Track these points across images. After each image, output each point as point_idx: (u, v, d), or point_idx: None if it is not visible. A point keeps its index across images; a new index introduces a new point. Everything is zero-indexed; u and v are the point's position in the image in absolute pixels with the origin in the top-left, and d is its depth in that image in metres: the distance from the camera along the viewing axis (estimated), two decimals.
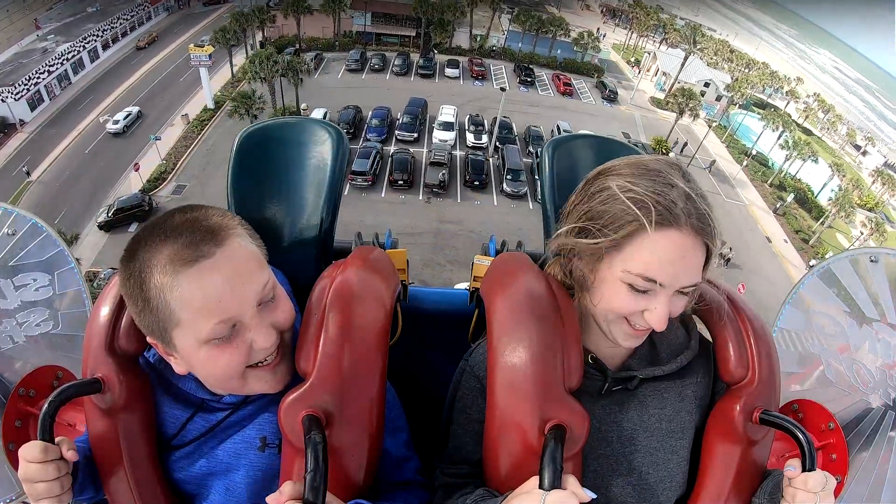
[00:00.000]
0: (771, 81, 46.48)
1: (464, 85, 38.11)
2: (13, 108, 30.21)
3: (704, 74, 42.65)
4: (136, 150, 27.88)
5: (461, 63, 40.17)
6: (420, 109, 31.67)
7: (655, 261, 0.88)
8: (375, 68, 38.34)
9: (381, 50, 41.20)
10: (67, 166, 27.20)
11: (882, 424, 1.28)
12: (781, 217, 31.03)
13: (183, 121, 30.76)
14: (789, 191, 33.32)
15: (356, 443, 0.96)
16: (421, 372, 1.46)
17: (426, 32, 41.51)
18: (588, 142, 1.35)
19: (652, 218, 0.87)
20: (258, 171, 1.28)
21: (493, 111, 31.19)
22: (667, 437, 1.05)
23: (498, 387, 0.96)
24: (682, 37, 45.76)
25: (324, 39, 40.96)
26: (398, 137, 30.13)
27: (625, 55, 50.99)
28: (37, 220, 1.37)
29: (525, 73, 39.87)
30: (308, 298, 1.03)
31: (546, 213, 1.30)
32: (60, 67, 34.19)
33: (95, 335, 1.00)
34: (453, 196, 26.34)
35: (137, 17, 43.09)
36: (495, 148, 29.35)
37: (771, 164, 36.49)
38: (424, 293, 1.69)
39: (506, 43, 44.30)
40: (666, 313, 0.91)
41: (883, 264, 1.32)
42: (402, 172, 26.22)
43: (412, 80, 37.50)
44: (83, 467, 1.00)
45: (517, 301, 1.01)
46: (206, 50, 30.94)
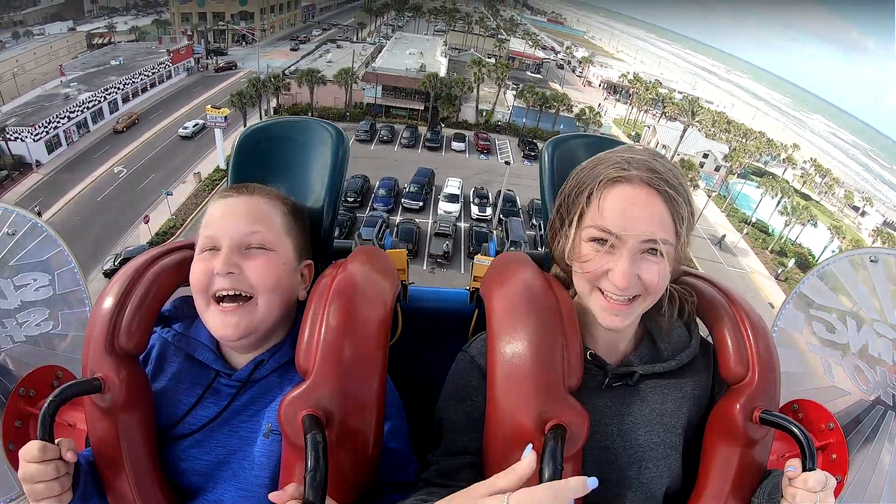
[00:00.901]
0: (768, 149, 47.29)
1: (469, 158, 38.65)
2: (31, 149, 30.96)
3: (703, 146, 43.57)
4: (147, 204, 28.36)
5: (467, 137, 40.81)
6: (427, 179, 32.08)
7: (608, 212, 0.92)
8: (384, 139, 39.06)
9: (390, 122, 42.02)
10: (78, 212, 27.56)
11: (882, 424, 1.27)
12: (783, 282, 30.82)
13: (195, 179, 31.25)
14: (790, 256, 33.26)
15: (356, 442, 0.96)
16: (421, 372, 1.44)
17: (434, 106, 42.40)
18: (587, 140, 1.34)
19: (607, 177, 0.94)
20: (258, 171, 1.28)
21: (498, 184, 31.56)
22: (667, 432, 1.05)
23: (498, 386, 0.95)
24: (680, 109, 47.25)
25: (335, 109, 41.95)
26: (404, 206, 30.39)
27: (625, 129, 51.88)
28: (37, 220, 1.38)
29: (529, 148, 40.32)
30: (308, 298, 1.03)
31: (546, 212, 1.28)
32: (80, 115, 35.33)
33: (95, 335, 1.00)
34: (457, 266, 26.41)
35: (158, 75, 44.99)
36: (499, 220, 29.60)
37: (771, 230, 36.65)
38: (424, 293, 1.69)
39: (511, 118, 45.09)
40: (627, 269, 0.92)
41: (883, 264, 1.32)
42: (407, 241, 26.47)
43: (419, 153, 38.12)
44: (87, 474, 1.00)
45: (517, 300, 1.02)
46: (221, 112, 32.09)
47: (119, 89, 39.60)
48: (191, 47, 50.56)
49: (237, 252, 1.03)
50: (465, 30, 70.01)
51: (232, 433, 1.06)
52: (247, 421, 1.07)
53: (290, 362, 1.06)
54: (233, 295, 1.02)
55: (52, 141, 32.50)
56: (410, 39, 61.51)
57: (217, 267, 1.01)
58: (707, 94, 65.96)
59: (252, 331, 1.04)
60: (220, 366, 1.10)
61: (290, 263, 1.10)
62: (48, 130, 32.15)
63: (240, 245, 1.03)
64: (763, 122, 58.57)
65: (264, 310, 1.04)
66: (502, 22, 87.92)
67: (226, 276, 1.01)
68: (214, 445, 1.06)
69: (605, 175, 0.94)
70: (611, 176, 0.94)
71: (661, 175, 0.93)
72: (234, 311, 1.02)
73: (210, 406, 1.07)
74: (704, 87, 73.68)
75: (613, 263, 0.93)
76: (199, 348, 1.11)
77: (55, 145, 32.77)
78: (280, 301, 1.07)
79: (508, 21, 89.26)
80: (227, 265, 1.01)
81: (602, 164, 0.97)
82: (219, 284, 1.02)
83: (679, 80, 72.48)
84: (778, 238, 34.87)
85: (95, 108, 36.87)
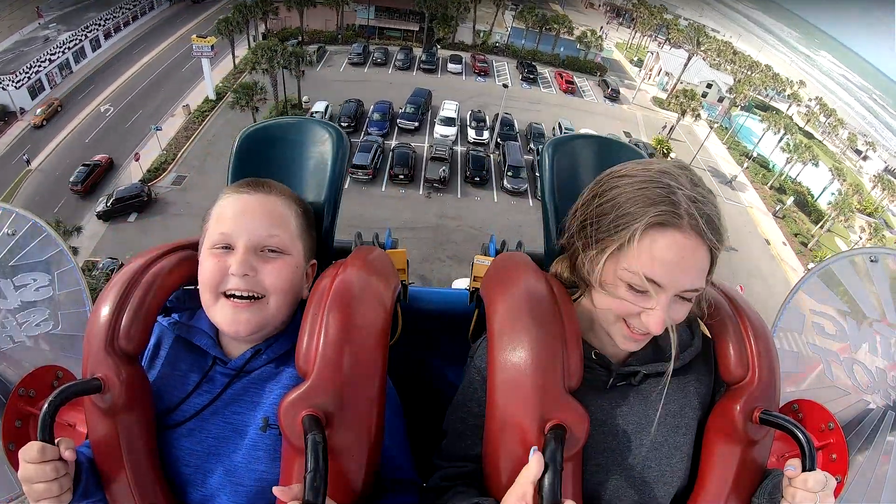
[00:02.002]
0: (773, 84, 46.47)
1: (466, 81, 37.99)
2: (14, 96, 29.95)
3: (707, 75, 42.60)
4: (136, 140, 27.75)
5: (464, 59, 40.02)
6: (423, 100, 31.59)
7: (655, 261, 0.88)
8: (378, 62, 38.20)
9: (383, 44, 41.05)
10: (67, 155, 26.98)
11: (882, 424, 1.29)
12: (781, 220, 31.05)
13: (184, 111, 30.60)
14: (789, 194, 33.40)
15: (356, 443, 0.96)
16: (421, 372, 1.45)
17: (429, 27, 41.36)
18: (588, 142, 1.35)
19: (654, 219, 0.88)
20: (258, 171, 1.28)
21: (495, 108, 31.12)
22: (670, 432, 1.05)
23: (498, 387, 0.96)
24: (685, 37, 45.69)
25: (327, 32, 40.75)
26: (400, 126, 30.09)
27: (628, 54, 50.91)
28: (37, 220, 1.38)
29: (528, 71, 39.74)
30: (308, 298, 1.03)
31: (546, 212, 1.29)
32: (62, 56, 33.97)
33: (95, 335, 1.00)
34: (454, 192, 26.31)
35: (140, 7, 42.76)
36: (496, 144, 29.30)
37: (772, 166, 36.59)
38: (424, 293, 1.69)
39: (509, 40, 44.19)
40: (663, 316, 0.91)
41: (883, 264, 1.32)
42: (402, 167, 26.18)
43: (414, 75, 37.37)
44: (88, 472, 1.00)
45: (517, 301, 1.02)
46: (208, 41, 30.67)
47: (100, 25, 38.01)
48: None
49: (253, 253, 1.03)
50: None
51: (224, 423, 1.06)
52: (240, 412, 1.06)
53: (286, 354, 1.09)
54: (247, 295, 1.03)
55: (35, 86, 31.43)
56: None
57: (233, 268, 1.02)
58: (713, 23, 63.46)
59: (262, 327, 1.06)
60: (217, 352, 1.10)
61: (301, 266, 1.11)
62: (29, 76, 31.10)
63: (256, 246, 1.04)
64: (770, 56, 56.92)
65: (274, 309, 1.05)
66: None
67: (242, 277, 1.01)
68: (205, 436, 1.05)
69: (654, 217, 0.88)
70: (660, 220, 0.88)
71: (715, 226, 0.90)
72: (246, 307, 1.03)
73: (204, 394, 1.07)
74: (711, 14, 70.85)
75: (649, 307, 0.92)
76: (198, 335, 1.11)
77: (38, 90, 31.65)
78: (289, 301, 1.09)
79: None
80: (244, 266, 1.01)
81: (645, 197, 0.90)
82: (233, 284, 1.02)
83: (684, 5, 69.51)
84: (778, 175, 34.84)
85: (77, 47, 35.28)
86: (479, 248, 1.69)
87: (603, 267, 0.95)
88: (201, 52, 30.71)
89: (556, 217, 1.24)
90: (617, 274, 0.93)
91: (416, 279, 13.44)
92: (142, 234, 21.81)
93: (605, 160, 1.19)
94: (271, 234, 1.05)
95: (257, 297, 1.03)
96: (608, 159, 1.19)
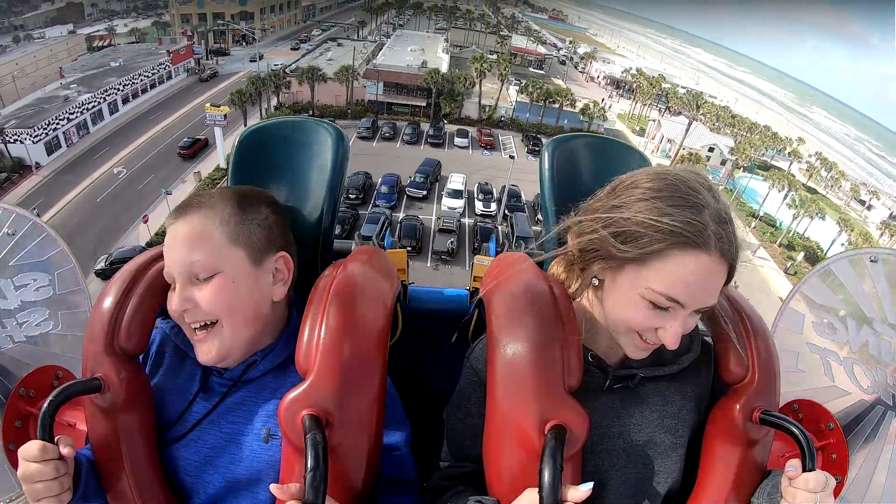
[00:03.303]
0: (773, 143, 47.14)
1: (473, 154, 38.66)
2: (30, 151, 30.85)
3: (708, 139, 43.48)
4: (147, 203, 28.16)
5: (470, 133, 40.87)
6: (432, 169, 32.09)
7: (681, 281, 0.87)
8: (386, 136, 39.11)
9: (392, 119, 42.15)
10: (77, 213, 27.48)
11: (882, 424, 1.28)
12: (793, 276, 30.71)
13: (195, 178, 31.13)
14: (798, 250, 33.28)
15: (356, 442, 0.96)
16: (421, 372, 1.46)
17: (436, 103, 42.53)
18: (588, 141, 1.33)
19: (683, 239, 0.86)
20: (258, 171, 1.28)
21: (502, 180, 31.47)
22: (668, 434, 1.05)
23: (498, 386, 0.95)
24: (684, 103, 47.03)
25: (336, 107, 42.03)
26: (409, 194, 30.50)
27: (630, 124, 52.03)
28: (37, 220, 1.37)
29: (533, 143, 40.37)
30: (308, 298, 1.02)
31: (546, 212, 1.28)
32: (80, 116, 35.38)
33: (95, 335, 1.00)
34: (462, 263, 26.26)
35: (158, 76, 44.97)
36: (504, 216, 29.48)
37: (778, 224, 36.65)
38: (424, 293, 1.69)
39: (514, 114, 45.16)
40: (680, 333, 0.91)
41: (883, 264, 1.31)
42: (410, 238, 26.23)
43: (422, 149, 38.09)
44: (88, 472, 0.99)
45: (517, 301, 1.01)
46: (221, 110, 31.91)
47: (119, 90, 39.82)
48: (190, 47, 50.73)
49: (188, 284, 0.99)
50: (467, 27, 70.06)
51: (220, 433, 1.05)
52: (237, 422, 1.05)
53: (285, 362, 1.07)
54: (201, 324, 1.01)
55: (52, 142, 32.50)
56: (411, 37, 61.61)
57: (172, 305, 1.00)
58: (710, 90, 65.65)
59: (227, 353, 1.02)
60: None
61: (242, 276, 1.01)
62: (47, 132, 32.16)
63: (188, 277, 0.99)
64: (767, 117, 58.46)
65: (230, 332, 1.01)
66: (503, 19, 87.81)
67: (182, 313, 0.99)
68: (201, 446, 1.05)
69: (682, 238, 0.86)
70: (688, 241, 0.86)
71: (736, 245, 0.90)
72: (205, 338, 1.01)
73: (201, 403, 1.06)
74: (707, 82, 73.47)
75: (665, 322, 0.91)
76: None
77: (55, 147, 32.77)
78: (245, 318, 1.02)
79: (509, 18, 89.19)
80: (181, 302, 0.99)
81: (670, 215, 0.87)
82: (175, 312, 1.01)
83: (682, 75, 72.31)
84: (786, 232, 34.92)
85: (95, 109, 36.83)
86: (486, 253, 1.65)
87: (620, 277, 0.93)
88: (214, 120, 31.62)
89: (556, 217, 1.22)
90: (637, 291, 0.91)
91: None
92: None
93: (606, 160, 1.20)
94: (193, 261, 0.98)
95: (212, 323, 1.00)
96: (608, 159, 1.20)
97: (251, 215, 1.04)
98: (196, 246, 0.98)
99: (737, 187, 40.14)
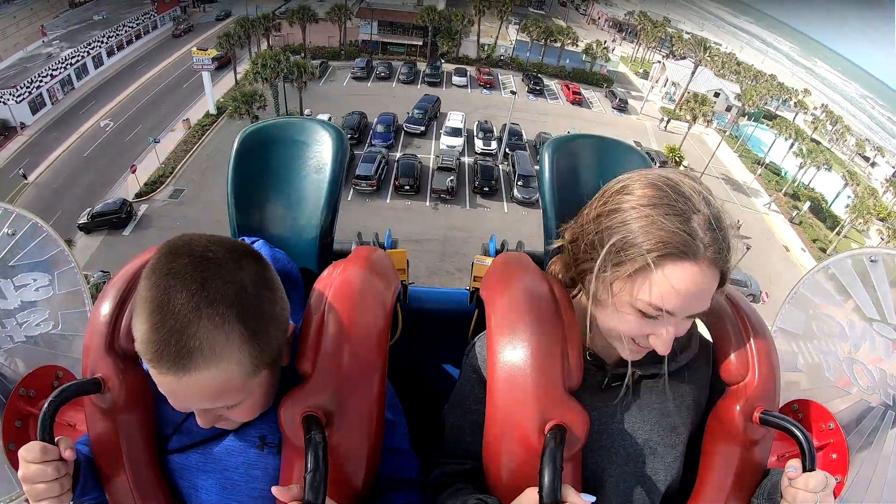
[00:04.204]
0: (779, 93, 46.48)
1: (471, 93, 37.77)
2: (14, 111, 29.93)
3: (714, 84, 42.52)
4: (134, 155, 27.44)
5: (468, 72, 39.96)
6: (431, 105, 31.36)
7: (669, 292, 0.85)
8: (381, 76, 38.09)
9: (387, 59, 41.05)
10: (64, 169, 26.90)
11: (882, 424, 1.27)
12: (797, 226, 30.82)
13: (184, 126, 30.35)
14: (803, 200, 33.37)
15: (356, 443, 0.96)
16: (421, 372, 1.44)
17: (433, 42, 41.42)
18: (588, 141, 1.31)
19: (670, 249, 0.84)
20: (258, 171, 1.27)
21: (502, 120, 30.86)
22: (666, 432, 1.04)
23: (498, 387, 0.95)
24: (690, 47, 45.63)
25: (329, 48, 40.90)
26: (406, 130, 29.91)
27: (633, 67, 50.99)
28: (37, 220, 1.37)
29: (534, 82, 39.58)
30: (308, 298, 1.02)
31: (546, 213, 1.26)
32: (64, 72, 34.17)
33: (95, 335, 0.99)
34: (462, 202, 25.69)
35: (143, 26, 43.49)
36: (505, 155, 28.84)
37: (783, 173, 36.58)
38: (424, 293, 1.69)
39: (514, 53, 44.16)
40: (671, 340, 0.90)
41: (883, 264, 1.30)
42: (407, 177, 25.54)
43: (419, 88, 37.18)
44: (86, 470, 0.99)
45: (517, 301, 1.00)
46: (208, 53, 30.64)
47: (103, 43, 38.43)
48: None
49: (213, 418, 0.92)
50: None
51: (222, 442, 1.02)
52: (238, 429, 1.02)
53: None
54: None
55: (36, 101, 31.67)
56: None
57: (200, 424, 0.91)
58: (714, 37, 63.63)
59: None
60: None
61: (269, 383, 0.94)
62: (30, 90, 31.17)
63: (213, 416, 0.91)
64: (772, 67, 57.07)
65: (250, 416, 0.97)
66: None
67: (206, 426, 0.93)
68: (203, 453, 1.02)
69: (671, 248, 0.85)
70: (676, 252, 0.85)
71: (727, 250, 0.88)
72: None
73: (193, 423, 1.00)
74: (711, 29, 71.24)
75: (656, 329, 0.91)
76: None
77: (39, 105, 31.94)
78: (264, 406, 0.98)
79: None
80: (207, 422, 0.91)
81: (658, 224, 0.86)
82: None
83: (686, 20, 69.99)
84: (791, 181, 34.89)
85: (79, 63, 35.74)
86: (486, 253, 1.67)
87: (611, 286, 0.91)
88: (202, 64, 30.55)
89: (555, 217, 1.22)
90: (627, 300, 0.90)
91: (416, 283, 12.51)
92: (137, 247, 21.08)
93: (606, 160, 1.19)
94: (220, 406, 0.88)
95: None
96: (608, 159, 1.20)
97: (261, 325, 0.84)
98: (219, 398, 0.85)
99: (742, 135, 39.81)
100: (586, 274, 0.96)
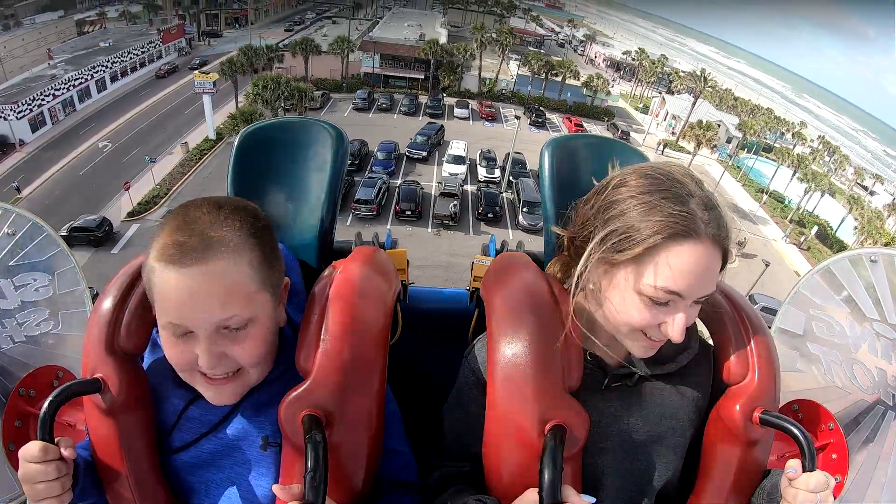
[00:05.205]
0: (776, 125, 47.34)
1: (473, 125, 37.89)
2: (14, 127, 30.18)
3: (714, 116, 43.02)
4: (130, 175, 27.31)
5: (470, 104, 40.18)
6: (434, 132, 31.29)
7: (677, 273, 0.85)
8: (383, 108, 38.30)
9: (389, 91, 41.34)
10: (58, 186, 26.96)
11: (882, 424, 1.27)
12: (806, 251, 30.89)
13: (182, 149, 30.33)
14: (809, 225, 33.65)
15: (356, 442, 0.96)
16: (421, 372, 1.45)
17: (434, 76, 41.83)
18: (588, 141, 1.31)
19: (674, 230, 0.84)
20: (258, 171, 1.28)
21: (505, 150, 30.72)
22: (667, 433, 1.04)
23: (498, 387, 0.95)
24: (690, 79, 46.28)
25: (331, 80, 41.26)
26: (409, 155, 29.85)
27: (632, 103, 51.84)
28: (37, 220, 1.37)
29: (536, 115, 39.79)
30: (308, 298, 1.02)
31: (546, 213, 1.26)
32: (66, 93, 34.59)
33: (95, 335, 0.98)
34: (465, 229, 25.17)
35: (148, 54, 44.36)
36: (509, 183, 28.56)
37: (787, 201, 37.01)
38: (424, 293, 1.68)
39: (515, 87, 44.60)
40: (685, 325, 0.89)
41: (883, 264, 1.30)
42: (409, 202, 25.07)
43: (420, 120, 37.28)
44: (86, 471, 0.99)
45: (517, 301, 1.01)
46: (210, 77, 30.50)
47: (107, 68, 38.92)
48: (181, 26, 50.05)
49: (217, 338, 0.89)
50: (464, 7, 69.01)
51: (217, 440, 1.02)
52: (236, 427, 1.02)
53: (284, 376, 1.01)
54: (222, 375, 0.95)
55: (37, 119, 31.93)
56: (409, 14, 61.00)
57: (201, 362, 0.89)
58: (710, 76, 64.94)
59: (247, 390, 0.99)
60: None
61: (270, 318, 0.96)
62: (31, 108, 31.40)
63: (217, 329, 0.88)
64: (766, 103, 57.99)
65: (256, 375, 0.98)
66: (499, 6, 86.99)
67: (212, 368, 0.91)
68: (201, 451, 1.02)
69: (673, 229, 0.86)
70: (679, 231, 0.86)
71: (727, 229, 0.89)
72: (225, 383, 0.94)
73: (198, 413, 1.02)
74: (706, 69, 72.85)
75: (667, 316, 0.90)
76: None
77: (39, 124, 32.21)
78: (269, 358, 1.00)
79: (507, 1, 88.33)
80: (212, 360, 0.89)
81: (658, 208, 0.87)
82: (205, 370, 0.91)
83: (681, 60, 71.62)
84: (796, 209, 35.23)
85: (82, 86, 36.17)
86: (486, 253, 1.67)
87: (615, 278, 0.91)
88: (203, 88, 30.34)
89: (555, 217, 1.20)
90: (635, 288, 0.89)
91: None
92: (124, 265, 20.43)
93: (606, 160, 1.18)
94: (229, 316, 0.86)
95: (235, 371, 0.94)
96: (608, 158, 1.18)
97: (270, 245, 0.94)
98: (230, 299, 0.86)
99: (743, 166, 40.24)
100: (588, 270, 0.93)
